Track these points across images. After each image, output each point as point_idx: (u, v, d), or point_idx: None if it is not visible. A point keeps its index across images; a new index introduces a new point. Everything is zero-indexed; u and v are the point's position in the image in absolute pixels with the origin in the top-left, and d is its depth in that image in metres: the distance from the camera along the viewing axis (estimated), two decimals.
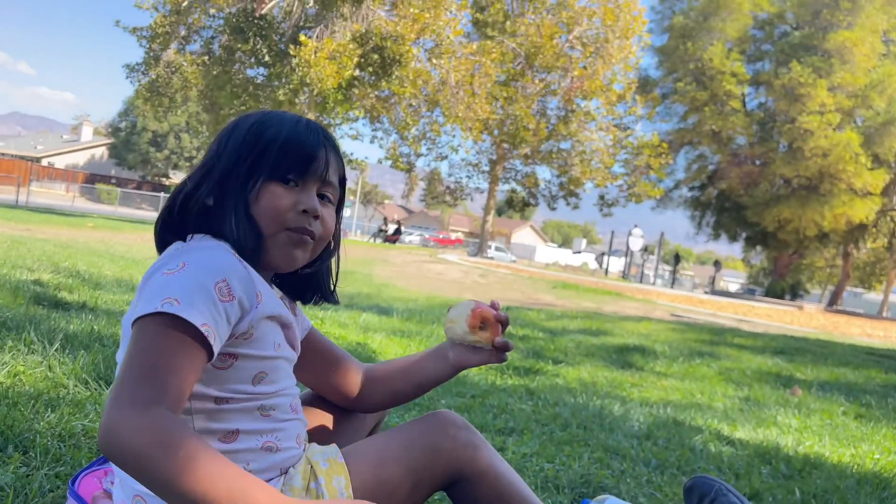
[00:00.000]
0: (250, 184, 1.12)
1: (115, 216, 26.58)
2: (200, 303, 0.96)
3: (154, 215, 33.26)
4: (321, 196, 1.19)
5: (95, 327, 3.19)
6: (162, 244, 1.16)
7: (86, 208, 31.90)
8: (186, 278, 0.99)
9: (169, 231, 1.16)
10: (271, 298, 1.11)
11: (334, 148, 1.21)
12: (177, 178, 55.09)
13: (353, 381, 1.39)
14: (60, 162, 55.04)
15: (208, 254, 1.05)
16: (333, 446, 1.20)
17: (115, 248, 11.66)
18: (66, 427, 1.79)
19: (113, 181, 50.65)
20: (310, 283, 1.30)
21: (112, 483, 1.23)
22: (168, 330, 0.94)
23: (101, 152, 56.83)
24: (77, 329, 3.06)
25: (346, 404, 1.40)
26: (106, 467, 1.28)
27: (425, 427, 1.21)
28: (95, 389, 2.22)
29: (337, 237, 1.29)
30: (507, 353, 1.31)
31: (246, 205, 1.12)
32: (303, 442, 1.21)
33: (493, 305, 1.31)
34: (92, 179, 50.54)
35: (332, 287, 1.34)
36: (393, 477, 1.16)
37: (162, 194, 37.05)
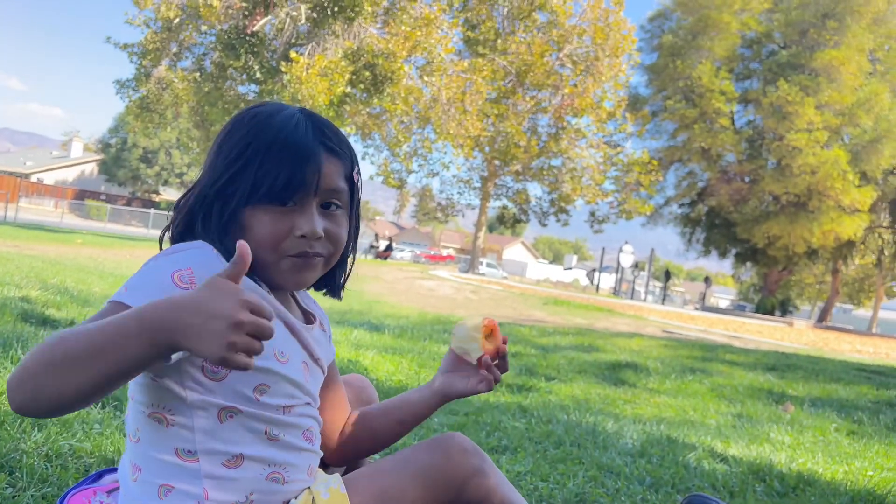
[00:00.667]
0: (239, 213, 1.07)
1: (105, 232, 26.45)
2: (148, 287, 0.96)
3: (144, 231, 33.14)
4: (327, 205, 1.12)
5: None
6: None
7: (75, 225, 31.74)
8: (147, 269, 0.99)
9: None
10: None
11: (332, 149, 1.12)
12: (167, 194, 54.93)
13: (339, 424, 1.32)
14: (50, 178, 54.82)
15: (184, 253, 1.02)
16: (336, 475, 1.15)
17: (104, 265, 11.59)
18: (52, 447, 1.76)
19: (103, 197, 50.44)
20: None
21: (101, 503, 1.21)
22: (108, 312, 0.93)
23: (91, 168, 56.66)
24: None
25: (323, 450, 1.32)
26: (94, 486, 1.25)
27: (432, 452, 1.15)
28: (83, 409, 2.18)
29: (354, 237, 1.23)
30: (495, 384, 1.29)
31: (235, 231, 1.07)
32: (314, 473, 1.16)
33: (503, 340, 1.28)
34: (81, 196, 50.32)
35: (342, 282, 1.27)
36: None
37: (152, 211, 36.89)
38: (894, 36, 30.83)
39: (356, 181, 1.18)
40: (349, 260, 1.26)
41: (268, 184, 1.05)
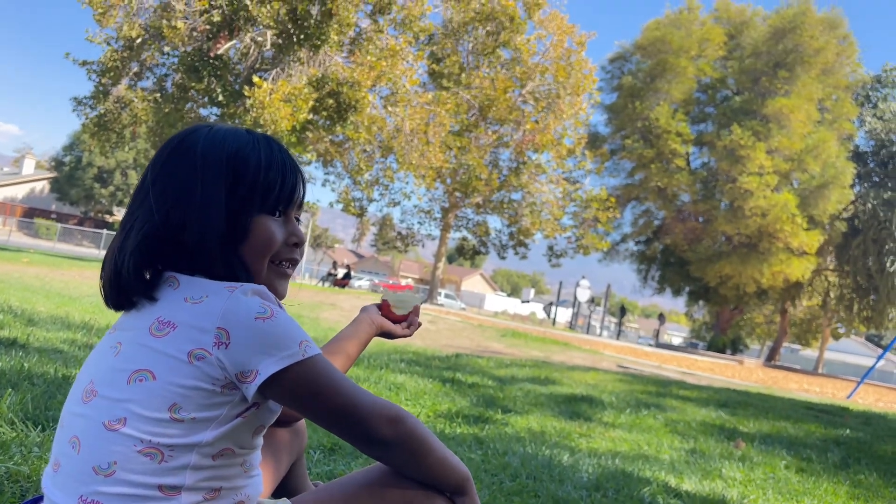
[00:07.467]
0: (241, 220, 1.08)
1: (53, 252, 25.70)
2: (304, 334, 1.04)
3: (95, 252, 32.26)
4: (295, 219, 1.18)
5: (26, 365, 3.04)
6: (137, 279, 1.05)
7: (22, 243, 30.79)
8: (287, 321, 1.01)
9: (148, 267, 1.07)
10: None
11: (302, 170, 1.19)
12: (121, 215, 53.69)
13: None
14: None
15: (271, 300, 1.05)
16: (286, 501, 1.14)
17: (51, 285, 11.25)
18: None
19: (53, 216, 49.09)
20: None
21: None
22: (329, 363, 1.04)
23: (42, 186, 55.16)
24: (5, 366, 2.90)
25: None
26: None
27: (374, 475, 1.15)
28: (22, 430, 2.09)
29: None
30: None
31: (235, 243, 1.08)
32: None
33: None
34: (31, 213, 48.92)
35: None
36: None
37: (105, 231, 36.02)
38: (842, 87, 32.19)
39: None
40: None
41: (277, 194, 1.11)
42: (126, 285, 1.05)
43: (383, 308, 1.56)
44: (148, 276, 1.06)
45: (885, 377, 37.52)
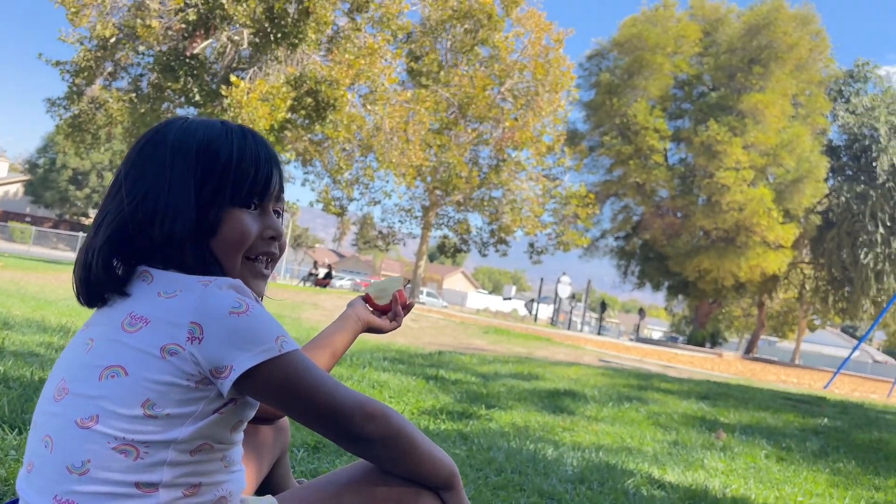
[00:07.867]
0: (212, 213, 1.05)
1: (28, 256, 25.32)
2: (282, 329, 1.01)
3: (70, 255, 31.80)
4: (275, 213, 1.14)
5: (1, 368, 2.99)
6: (107, 274, 1.03)
7: None
8: (263, 315, 0.98)
9: (119, 261, 1.04)
10: None
11: (279, 161, 1.16)
12: None
13: None
14: None
15: (247, 294, 1.02)
16: (270, 497, 1.13)
17: (26, 289, 11.09)
18: None
19: (27, 219, 48.35)
20: None
21: None
22: (308, 359, 1.01)
23: (16, 189, 54.32)
24: None
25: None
26: None
27: (360, 472, 1.14)
28: None
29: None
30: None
31: (206, 237, 1.05)
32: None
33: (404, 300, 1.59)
34: (4, 217, 48.14)
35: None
36: None
37: (80, 234, 35.52)
38: (815, 82, 32.64)
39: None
40: None
41: (249, 186, 1.07)
42: (96, 281, 1.03)
43: (368, 302, 1.55)
44: (120, 271, 1.04)
45: (860, 367, 38.12)
